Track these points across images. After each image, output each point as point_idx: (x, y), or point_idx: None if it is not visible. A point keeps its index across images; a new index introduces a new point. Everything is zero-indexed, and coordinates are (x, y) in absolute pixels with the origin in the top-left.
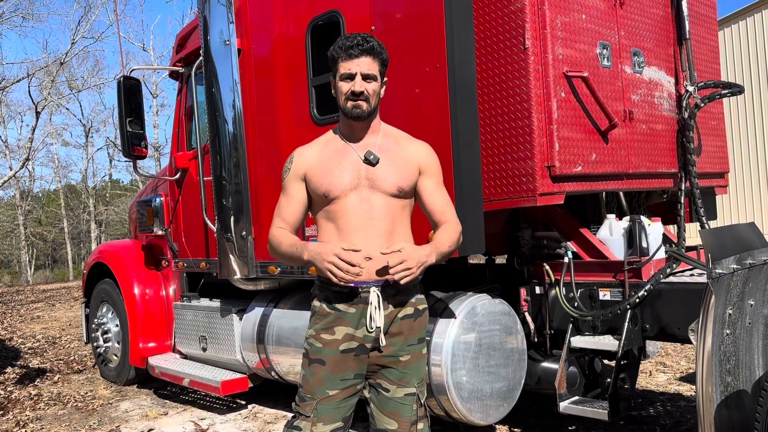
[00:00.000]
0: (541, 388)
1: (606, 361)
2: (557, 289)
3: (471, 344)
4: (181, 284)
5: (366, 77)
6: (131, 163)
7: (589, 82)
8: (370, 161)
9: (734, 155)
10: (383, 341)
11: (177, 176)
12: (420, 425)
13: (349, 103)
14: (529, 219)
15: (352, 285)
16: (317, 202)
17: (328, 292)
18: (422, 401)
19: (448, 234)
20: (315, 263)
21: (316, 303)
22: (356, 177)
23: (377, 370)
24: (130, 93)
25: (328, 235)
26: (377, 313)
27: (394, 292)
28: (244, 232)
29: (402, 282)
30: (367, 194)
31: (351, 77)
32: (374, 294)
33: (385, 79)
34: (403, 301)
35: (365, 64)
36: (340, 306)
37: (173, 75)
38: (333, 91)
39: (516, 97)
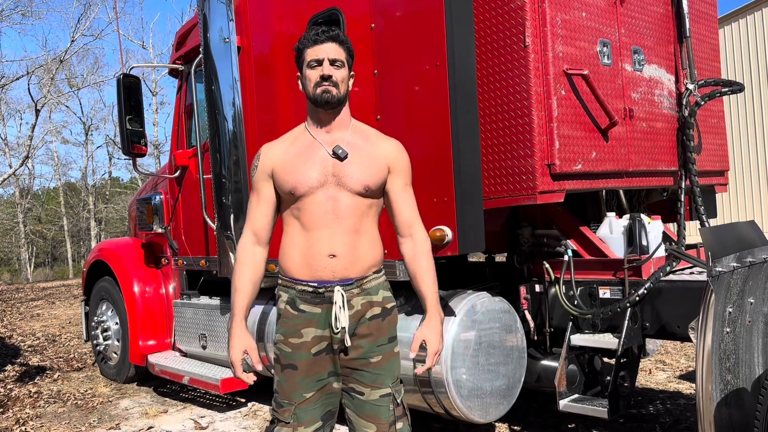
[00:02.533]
0: (541, 386)
1: (606, 359)
2: (557, 287)
3: (471, 342)
4: (180, 282)
5: (333, 62)
6: (131, 161)
7: (590, 80)
8: (339, 156)
9: (734, 153)
10: (348, 342)
11: (177, 174)
12: (399, 425)
13: (319, 89)
14: (529, 217)
15: (316, 284)
16: (284, 199)
17: (292, 292)
18: (399, 400)
19: (428, 266)
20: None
21: (281, 305)
22: (323, 174)
23: (349, 374)
24: (130, 91)
25: (293, 232)
26: (342, 313)
27: (359, 292)
28: None
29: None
30: (334, 192)
31: (319, 62)
32: (338, 293)
33: (353, 72)
34: (370, 301)
35: (332, 50)
36: (305, 307)
37: (173, 73)
38: (301, 86)
39: (516, 95)
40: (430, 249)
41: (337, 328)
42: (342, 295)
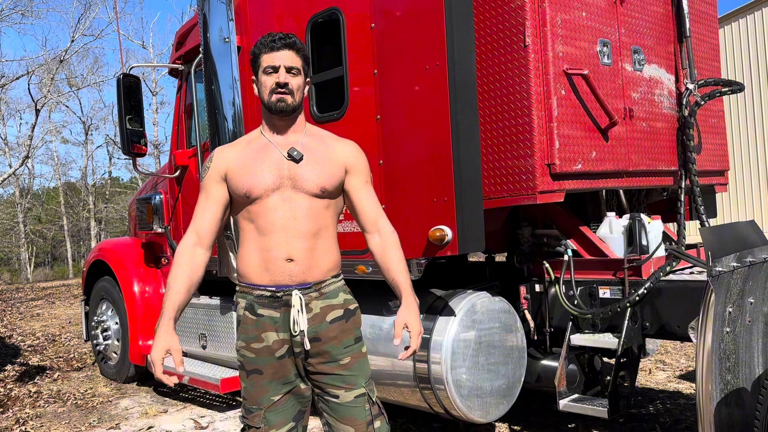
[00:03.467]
0: (541, 386)
1: (606, 359)
2: (557, 286)
3: (471, 342)
4: None
5: (289, 70)
6: (131, 161)
7: (590, 80)
8: (294, 157)
9: (734, 153)
10: (307, 345)
11: (177, 174)
12: (377, 423)
13: (274, 96)
14: (529, 217)
15: (274, 288)
16: (238, 202)
17: (250, 298)
18: (374, 399)
19: (399, 257)
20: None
21: (239, 312)
22: (278, 177)
23: (321, 379)
24: (130, 90)
25: (248, 237)
26: (300, 317)
27: (317, 296)
28: None
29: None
30: (290, 194)
31: (275, 69)
32: (296, 297)
33: (308, 78)
34: (330, 305)
35: (288, 57)
36: (264, 311)
37: (173, 72)
38: (256, 91)
39: (516, 95)
40: (398, 240)
41: (296, 332)
42: (300, 298)
